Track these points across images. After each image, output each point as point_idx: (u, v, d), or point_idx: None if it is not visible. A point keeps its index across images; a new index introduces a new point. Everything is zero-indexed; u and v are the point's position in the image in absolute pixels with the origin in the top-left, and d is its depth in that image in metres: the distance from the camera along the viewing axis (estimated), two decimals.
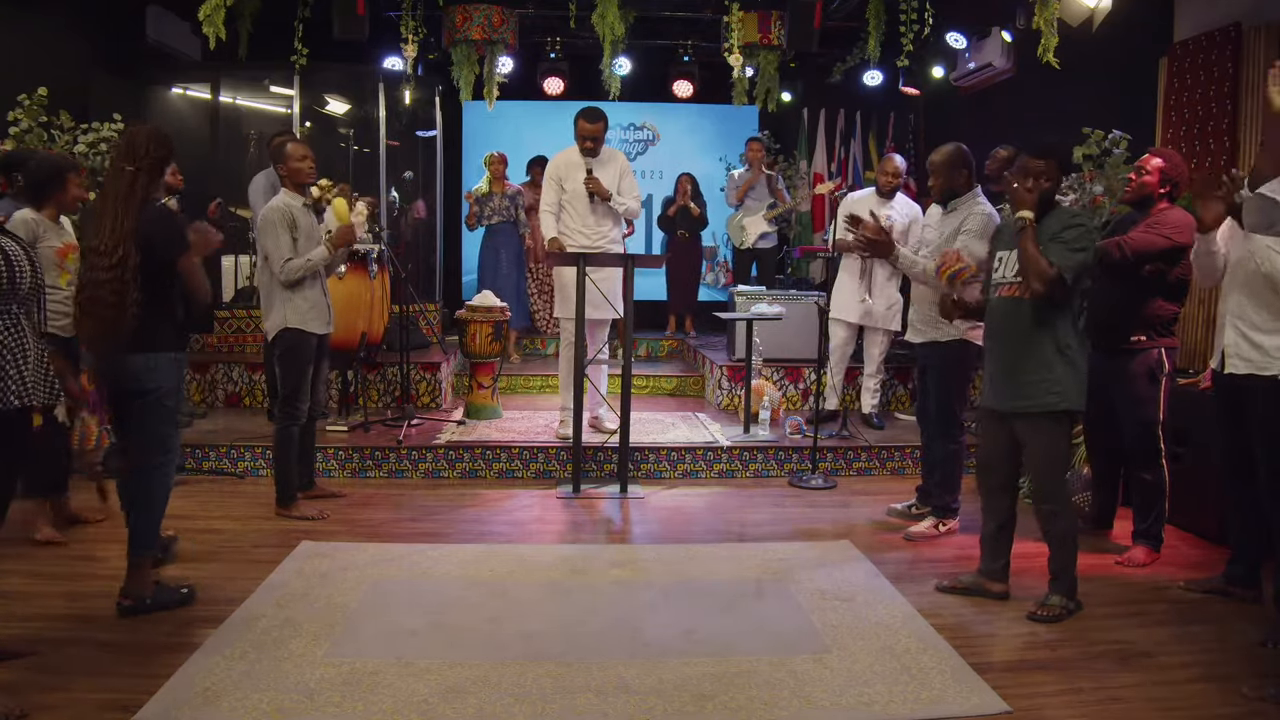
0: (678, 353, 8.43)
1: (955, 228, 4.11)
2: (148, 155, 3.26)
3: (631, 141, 10.36)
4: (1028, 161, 3.41)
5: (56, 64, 6.26)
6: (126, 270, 3.12)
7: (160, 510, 3.40)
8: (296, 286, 4.39)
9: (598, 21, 7.01)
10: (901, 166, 5.80)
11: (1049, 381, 3.34)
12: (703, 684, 2.88)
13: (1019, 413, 3.43)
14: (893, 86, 8.48)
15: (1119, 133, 4.82)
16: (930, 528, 4.38)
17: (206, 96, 8.12)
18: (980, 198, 4.16)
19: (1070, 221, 3.33)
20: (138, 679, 2.82)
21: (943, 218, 4.24)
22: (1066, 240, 3.29)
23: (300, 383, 4.46)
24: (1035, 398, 3.37)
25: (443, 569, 3.86)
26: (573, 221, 5.52)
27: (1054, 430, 3.41)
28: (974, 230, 4.03)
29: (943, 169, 4.14)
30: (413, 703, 2.73)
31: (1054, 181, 3.42)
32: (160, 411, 3.34)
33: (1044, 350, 3.35)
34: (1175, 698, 2.85)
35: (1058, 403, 3.35)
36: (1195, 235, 3.66)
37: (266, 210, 4.42)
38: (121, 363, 3.25)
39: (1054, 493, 3.46)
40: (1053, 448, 3.43)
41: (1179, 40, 5.39)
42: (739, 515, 4.77)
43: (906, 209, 5.83)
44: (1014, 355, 3.42)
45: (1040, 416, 3.38)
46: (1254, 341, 3.28)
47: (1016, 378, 3.41)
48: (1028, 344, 3.38)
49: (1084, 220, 3.38)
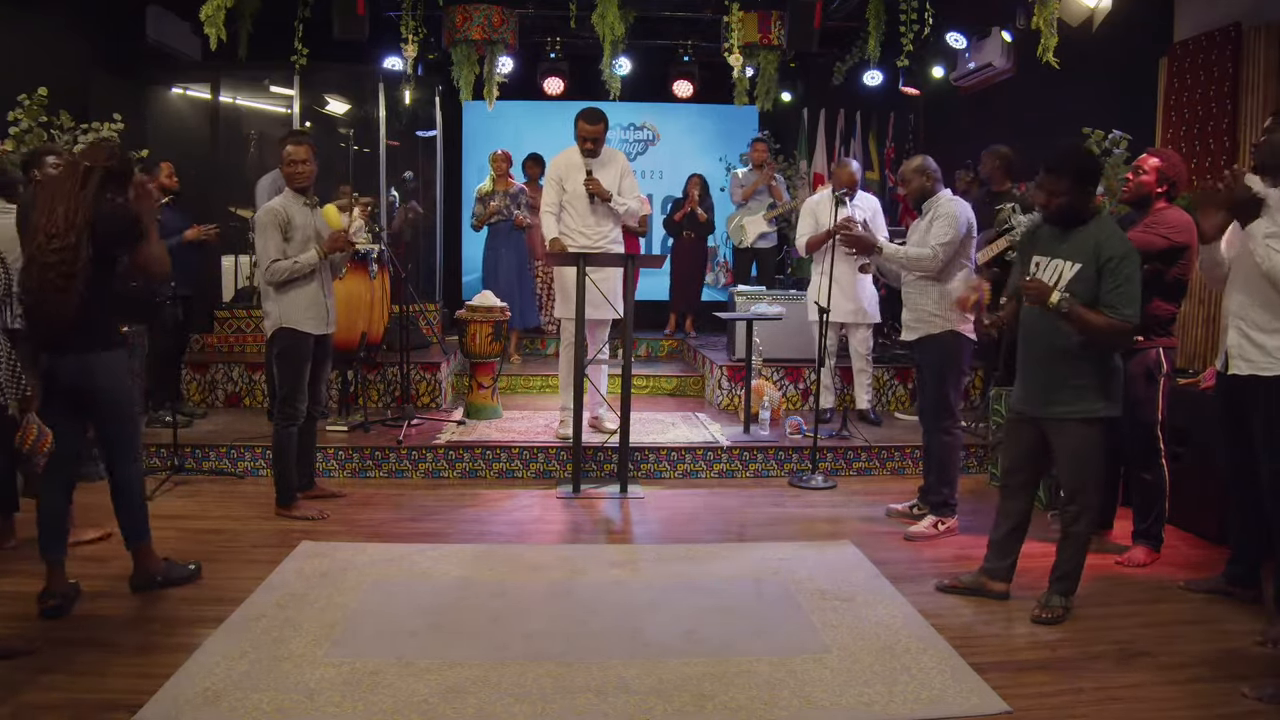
0: (678, 353, 8.43)
1: (928, 220, 4.42)
2: (110, 160, 3.32)
3: (631, 141, 10.37)
4: (1041, 180, 3.40)
5: (56, 64, 6.25)
6: (78, 259, 3.14)
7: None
8: (286, 287, 4.40)
9: (598, 21, 7.01)
10: (856, 170, 5.87)
11: (1091, 389, 3.32)
12: (703, 684, 2.88)
13: (1054, 417, 3.40)
14: (893, 86, 8.48)
15: (1119, 133, 4.82)
16: (929, 527, 4.38)
17: (206, 96, 8.12)
18: (944, 193, 4.49)
19: (1116, 252, 3.23)
20: (138, 679, 2.82)
21: (917, 223, 4.53)
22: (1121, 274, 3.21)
23: (297, 383, 4.46)
24: (1075, 404, 3.34)
25: (443, 569, 3.86)
26: (573, 222, 5.52)
27: (1089, 434, 3.37)
28: (943, 214, 4.34)
29: (913, 175, 4.51)
30: (413, 703, 2.73)
31: (1071, 195, 3.32)
32: (115, 410, 3.42)
33: (1086, 358, 3.32)
34: (1175, 698, 2.85)
35: (1100, 410, 3.34)
36: (1199, 244, 3.66)
37: (262, 211, 4.46)
38: (75, 361, 3.27)
39: (1083, 494, 3.42)
40: (1086, 451, 3.39)
41: (1179, 40, 5.39)
42: (739, 515, 4.77)
43: (867, 204, 5.96)
44: (1052, 362, 3.39)
45: (1077, 422, 3.36)
46: (1256, 342, 3.28)
47: (1054, 383, 3.38)
48: (1066, 352, 3.34)
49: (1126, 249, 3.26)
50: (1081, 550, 3.44)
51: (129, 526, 3.50)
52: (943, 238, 4.28)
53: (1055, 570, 3.47)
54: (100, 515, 4.18)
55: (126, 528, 3.51)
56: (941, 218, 4.34)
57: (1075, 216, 3.35)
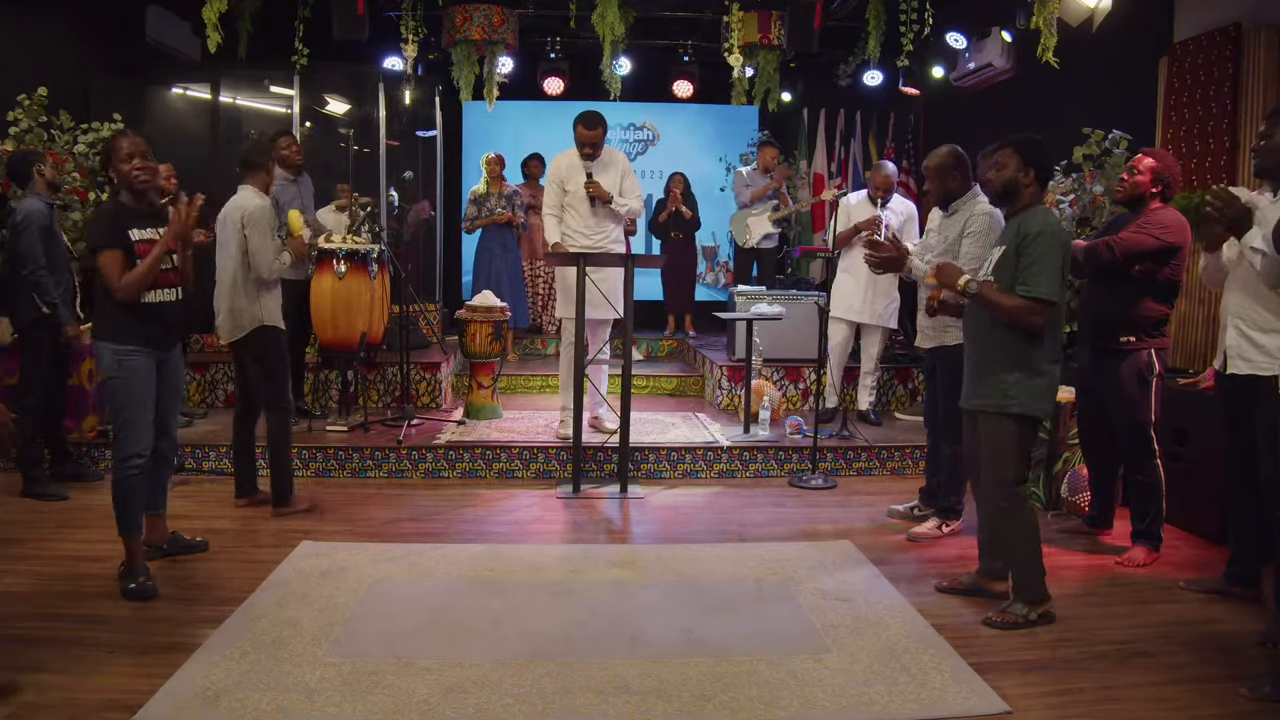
0: (678, 353, 8.43)
1: (959, 231, 4.03)
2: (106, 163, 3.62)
3: (631, 141, 10.37)
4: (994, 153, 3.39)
5: (56, 64, 6.26)
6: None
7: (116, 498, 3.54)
8: (270, 286, 4.46)
9: (598, 21, 7.01)
10: (892, 173, 5.92)
11: (1004, 383, 3.29)
12: (703, 684, 2.88)
13: (977, 410, 3.42)
14: (893, 86, 8.49)
15: (1119, 133, 4.83)
16: (933, 528, 4.38)
17: (206, 96, 8.12)
18: (980, 197, 4.04)
19: (1031, 230, 3.21)
20: (138, 679, 2.82)
21: (943, 221, 4.19)
22: (1033, 253, 3.18)
23: (288, 373, 4.56)
24: (988, 397, 3.34)
25: (443, 569, 3.86)
26: (574, 223, 5.53)
27: (1003, 430, 3.33)
28: (977, 231, 3.95)
29: (937, 173, 4.06)
30: (413, 703, 2.73)
31: (1010, 171, 3.31)
32: (111, 397, 3.55)
33: (1003, 351, 3.30)
34: (1175, 698, 2.85)
35: (1008, 405, 3.29)
36: (1204, 252, 3.64)
37: (255, 209, 4.40)
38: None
39: (995, 493, 3.39)
40: (998, 446, 3.35)
41: (1179, 40, 5.39)
42: (739, 515, 4.77)
43: (901, 208, 5.93)
44: (977, 353, 3.42)
45: (992, 415, 3.34)
46: (1255, 342, 3.28)
47: (976, 374, 3.41)
48: (988, 344, 3.35)
49: (1042, 226, 3.22)
50: (1019, 555, 3.39)
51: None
52: (973, 262, 3.84)
53: (1014, 578, 3.45)
54: (98, 516, 4.19)
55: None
56: (973, 235, 3.95)
57: (1011, 196, 3.34)
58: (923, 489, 4.67)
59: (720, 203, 9.47)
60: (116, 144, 3.56)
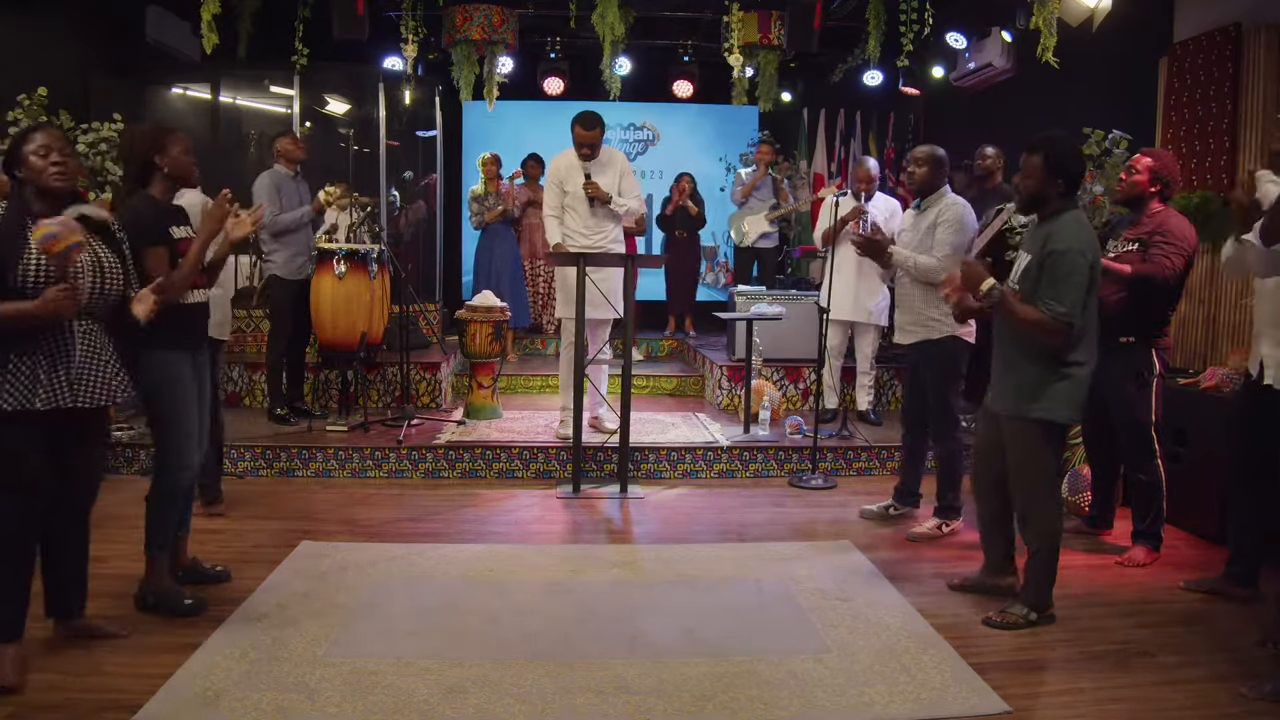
0: (678, 353, 8.43)
1: (931, 221, 4.27)
2: (131, 154, 3.37)
3: (631, 141, 10.37)
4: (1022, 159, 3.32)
5: (56, 64, 6.26)
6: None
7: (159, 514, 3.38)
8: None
9: (598, 21, 7.01)
10: (874, 168, 5.99)
11: (1039, 391, 3.26)
12: (703, 684, 2.88)
13: (1007, 415, 3.39)
14: (893, 86, 8.48)
15: (1119, 133, 4.82)
16: (934, 528, 4.38)
17: (206, 96, 8.12)
18: (949, 192, 4.33)
19: (1058, 247, 3.14)
20: (138, 679, 2.82)
21: (916, 217, 4.39)
22: (1057, 270, 3.13)
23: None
24: (1022, 404, 3.30)
25: (443, 569, 3.86)
26: (574, 223, 5.53)
27: (1035, 439, 3.30)
28: (949, 220, 4.21)
29: (928, 160, 4.31)
30: (413, 703, 2.73)
31: (1038, 180, 3.24)
32: (149, 410, 3.36)
33: (1040, 359, 3.26)
34: (1175, 698, 2.85)
35: (1043, 413, 3.26)
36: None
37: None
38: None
39: (1028, 501, 3.38)
40: (1030, 456, 3.33)
41: (1179, 40, 5.38)
42: (739, 515, 4.77)
43: (885, 205, 5.97)
44: (1011, 359, 3.37)
45: (1025, 423, 3.30)
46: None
47: (1011, 381, 3.36)
48: (1024, 350, 3.30)
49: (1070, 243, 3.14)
50: (1040, 561, 3.36)
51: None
52: (947, 249, 4.17)
53: (1024, 581, 3.45)
54: (97, 517, 4.18)
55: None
56: (946, 224, 4.22)
57: (1039, 204, 3.30)
58: (897, 487, 4.67)
59: (720, 203, 9.46)
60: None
